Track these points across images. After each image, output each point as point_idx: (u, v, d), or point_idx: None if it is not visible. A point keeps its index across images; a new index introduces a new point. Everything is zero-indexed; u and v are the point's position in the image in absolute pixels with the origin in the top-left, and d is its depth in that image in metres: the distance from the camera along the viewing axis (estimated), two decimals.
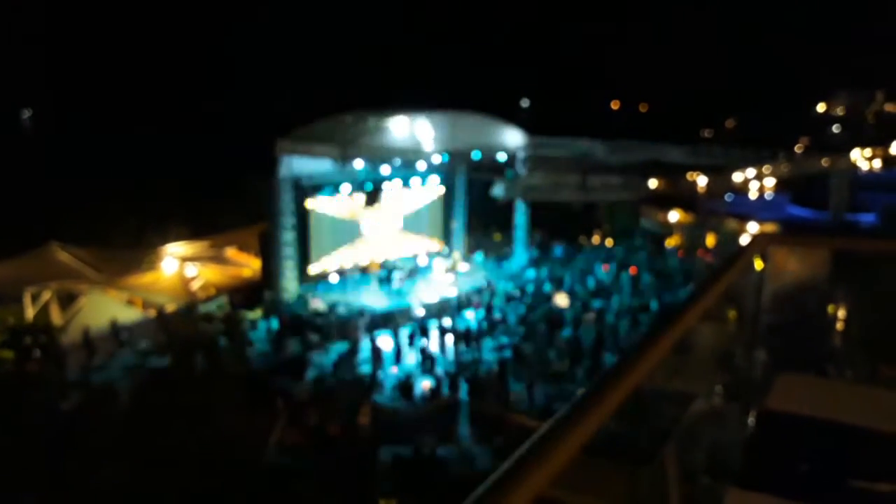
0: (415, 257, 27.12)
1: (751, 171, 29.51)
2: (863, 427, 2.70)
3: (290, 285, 23.92)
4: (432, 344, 20.20)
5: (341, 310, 22.45)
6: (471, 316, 22.41)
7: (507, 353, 19.38)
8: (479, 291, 24.16)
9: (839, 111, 74.61)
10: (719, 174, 28.47)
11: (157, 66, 52.75)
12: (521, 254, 28.58)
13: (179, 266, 23.69)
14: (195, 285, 23.55)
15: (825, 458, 2.62)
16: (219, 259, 24.98)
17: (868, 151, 49.02)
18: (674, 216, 33.87)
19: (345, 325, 21.08)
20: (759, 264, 3.27)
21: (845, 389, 3.51)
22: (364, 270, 26.01)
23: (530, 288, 24.71)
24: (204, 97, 49.68)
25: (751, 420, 3.00)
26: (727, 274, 2.39)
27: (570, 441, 1.44)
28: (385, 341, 20.07)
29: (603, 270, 26.55)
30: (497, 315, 22.09)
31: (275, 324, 21.31)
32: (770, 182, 34.39)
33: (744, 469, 2.67)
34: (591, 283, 25.23)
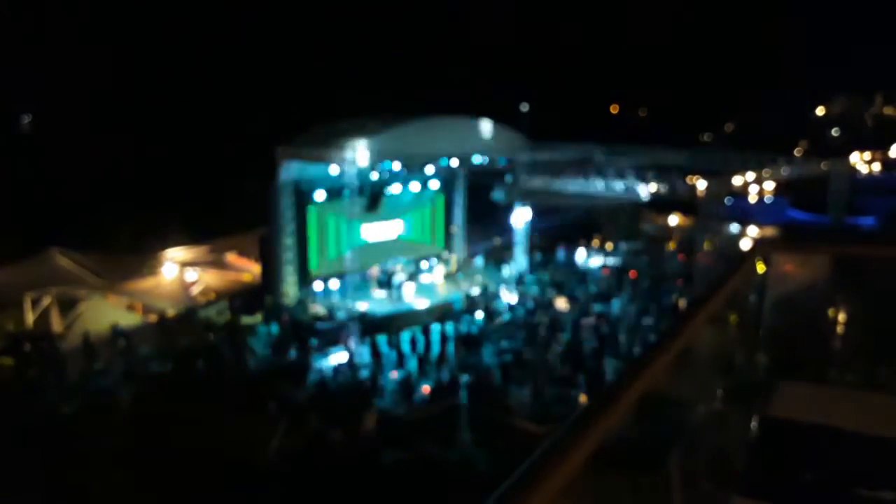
0: (415, 261, 27.10)
1: (750, 175, 29.46)
2: (866, 434, 2.69)
3: (290, 290, 23.92)
4: (433, 348, 20.17)
5: (341, 314, 22.44)
6: (471, 320, 22.39)
7: (508, 357, 19.35)
8: (479, 295, 24.13)
9: (838, 114, 74.66)
10: (719, 178, 28.43)
11: (157, 71, 52.79)
12: (521, 258, 28.56)
13: (179, 271, 23.70)
14: (195, 290, 23.55)
15: (829, 466, 2.61)
16: (219, 264, 25.00)
17: (867, 155, 49.01)
18: (673, 220, 33.90)
19: (345, 330, 21.06)
20: (761, 268, 3.26)
21: (848, 396, 3.50)
22: (364, 275, 26.00)
23: (530, 292, 24.69)
24: (204, 101, 49.67)
25: (753, 426, 2.98)
26: (732, 279, 2.39)
27: (581, 447, 1.44)
28: (385, 345, 20.05)
29: (603, 274, 26.55)
30: (497, 319, 22.07)
31: (275, 329, 21.29)
32: (769, 185, 34.37)
33: (747, 476, 2.66)
34: (591, 287, 25.22)
